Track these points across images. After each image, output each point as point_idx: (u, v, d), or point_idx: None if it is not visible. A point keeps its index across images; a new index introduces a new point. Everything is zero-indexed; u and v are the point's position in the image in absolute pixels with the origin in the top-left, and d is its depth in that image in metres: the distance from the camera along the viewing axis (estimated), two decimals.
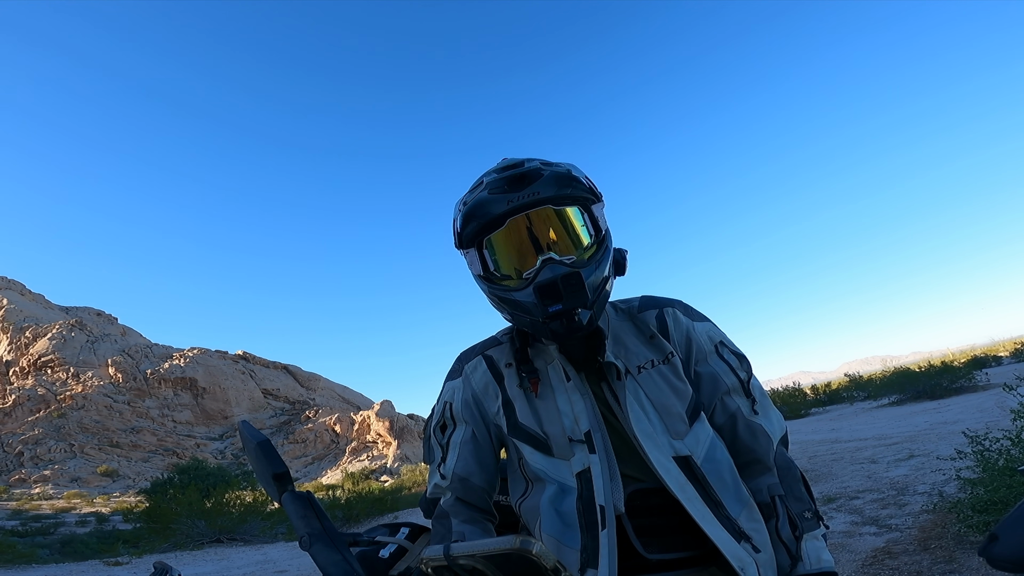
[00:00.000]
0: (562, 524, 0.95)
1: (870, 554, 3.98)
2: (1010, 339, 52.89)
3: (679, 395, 1.01)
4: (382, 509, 13.26)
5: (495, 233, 0.99)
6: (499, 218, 0.97)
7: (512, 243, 1.00)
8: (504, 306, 1.02)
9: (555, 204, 0.97)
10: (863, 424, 13.31)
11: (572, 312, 0.93)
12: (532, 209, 0.96)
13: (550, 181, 0.96)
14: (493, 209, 0.96)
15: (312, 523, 0.84)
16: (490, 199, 0.97)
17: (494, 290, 1.02)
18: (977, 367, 18.45)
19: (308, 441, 53.73)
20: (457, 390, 1.11)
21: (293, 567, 7.58)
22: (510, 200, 0.96)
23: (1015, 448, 4.03)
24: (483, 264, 1.03)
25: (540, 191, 0.95)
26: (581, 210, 0.99)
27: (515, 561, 0.60)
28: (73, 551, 10.80)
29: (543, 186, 0.96)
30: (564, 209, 0.98)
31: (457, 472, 1.04)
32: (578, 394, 1.00)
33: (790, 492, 1.00)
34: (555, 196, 0.96)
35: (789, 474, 1.02)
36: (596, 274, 0.96)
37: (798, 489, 1.01)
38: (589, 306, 0.95)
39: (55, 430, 45.05)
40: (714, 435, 1.02)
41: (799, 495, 1.00)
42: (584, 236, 0.99)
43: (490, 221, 0.97)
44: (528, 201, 0.95)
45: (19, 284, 64.68)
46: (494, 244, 1.01)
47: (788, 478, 1.02)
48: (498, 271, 1.02)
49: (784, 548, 0.95)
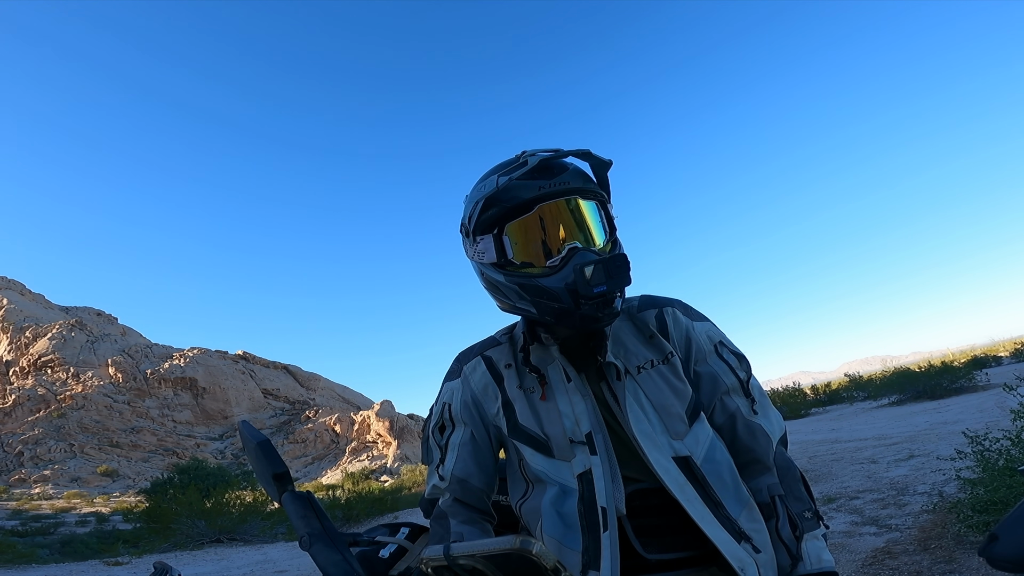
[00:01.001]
0: (563, 526, 0.94)
1: (870, 554, 3.98)
2: (1010, 339, 52.89)
3: (679, 395, 1.00)
4: (382, 509, 13.24)
5: (520, 219, 0.97)
6: (527, 203, 0.95)
7: (539, 230, 0.97)
8: (525, 294, 0.98)
9: (582, 196, 0.97)
10: (863, 424, 13.31)
11: (612, 296, 0.93)
12: (562, 197, 0.96)
13: (577, 174, 0.98)
14: (522, 194, 0.95)
15: (312, 523, 0.84)
16: (519, 184, 0.95)
17: (513, 278, 0.98)
18: (977, 367, 18.45)
19: (308, 441, 53.74)
20: (456, 391, 1.10)
21: (293, 567, 7.57)
22: (541, 187, 0.95)
23: (1015, 448, 4.03)
24: (500, 251, 0.99)
25: (570, 181, 0.96)
26: (598, 207, 1.00)
27: (515, 561, 0.60)
28: (73, 551, 10.79)
29: (572, 177, 0.97)
30: (588, 202, 0.99)
31: (456, 474, 1.04)
32: (579, 395, 1.00)
33: (790, 492, 1.00)
34: (582, 188, 0.97)
35: (789, 474, 1.02)
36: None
37: (798, 489, 1.01)
38: (623, 293, 0.96)
39: (55, 430, 45.05)
40: (714, 435, 1.01)
41: (799, 495, 1.00)
42: (599, 232, 0.99)
43: (516, 206, 0.95)
44: (559, 189, 0.95)
45: (19, 284, 64.68)
46: (518, 230, 0.98)
47: (788, 478, 1.02)
48: (517, 258, 0.99)
49: (784, 548, 0.95)
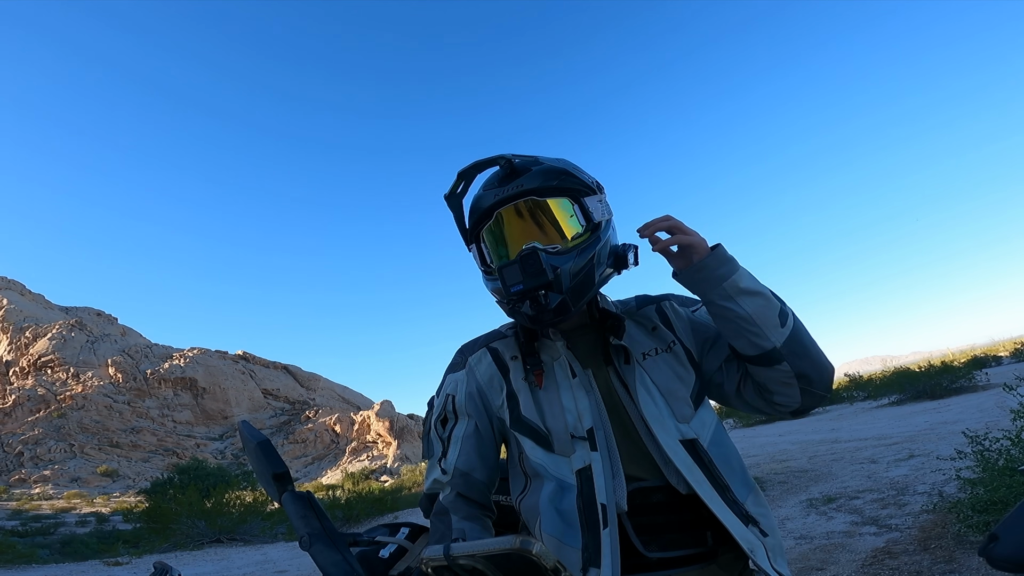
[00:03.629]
0: (563, 523, 0.94)
1: (870, 554, 3.98)
2: (1010, 339, 52.96)
3: (683, 381, 1.03)
4: (382, 509, 13.24)
5: (486, 225, 1.04)
6: (488, 211, 1.02)
7: (500, 234, 1.04)
8: (495, 295, 1.06)
9: (538, 195, 1.00)
10: (863, 424, 13.32)
11: (535, 293, 0.95)
12: (515, 201, 1.00)
13: (537, 175, 1.00)
14: (483, 203, 1.03)
15: (312, 523, 0.84)
16: (483, 194, 1.04)
17: (490, 284, 1.06)
18: (977, 367, 18.47)
19: (308, 441, 53.76)
20: (460, 382, 1.10)
21: (293, 567, 7.57)
22: (496, 194, 1.01)
23: (1015, 448, 4.03)
24: (481, 258, 1.08)
25: (524, 184, 1.00)
26: (571, 201, 1.02)
27: (515, 561, 0.60)
28: (73, 551, 10.79)
29: (529, 179, 1.00)
30: (548, 200, 1.01)
31: (459, 467, 1.04)
32: (583, 391, 1.00)
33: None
34: (539, 188, 1.00)
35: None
36: (577, 261, 0.97)
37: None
38: (559, 290, 0.96)
39: (55, 430, 45.07)
40: (718, 420, 1.05)
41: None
42: (572, 226, 1.01)
43: (481, 215, 1.03)
44: (512, 193, 1.00)
45: (19, 284, 64.71)
46: (486, 237, 1.06)
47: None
48: (493, 263, 1.06)
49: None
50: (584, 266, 0.98)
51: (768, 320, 0.95)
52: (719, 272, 0.96)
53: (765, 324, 0.95)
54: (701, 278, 0.97)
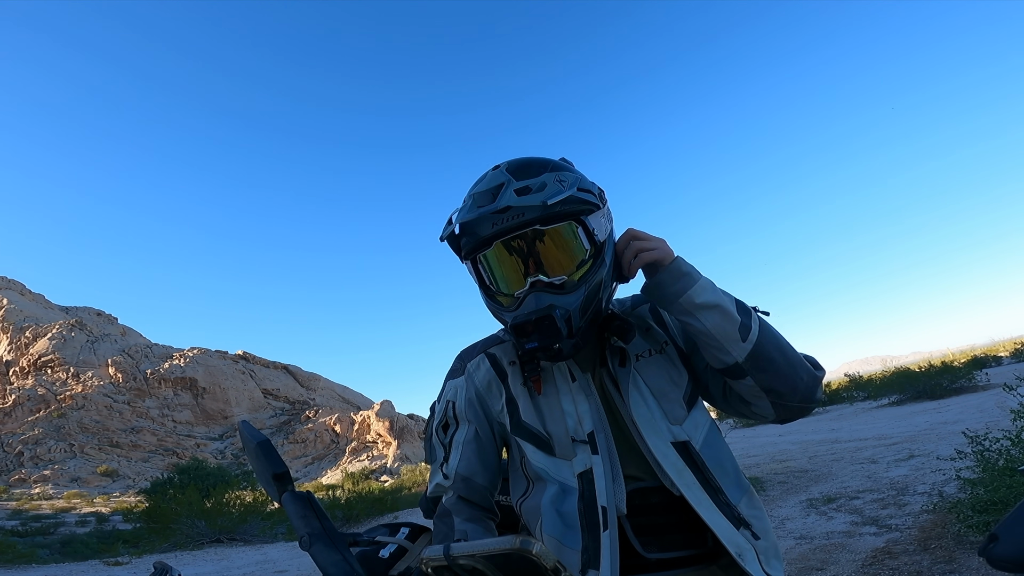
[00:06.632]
0: (563, 525, 0.95)
1: (870, 554, 3.98)
2: (1010, 339, 52.95)
3: (676, 382, 1.03)
4: (382, 509, 13.24)
5: (484, 253, 0.98)
6: (486, 240, 0.96)
7: (501, 264, 0.99)
8: (495, 317, 1.05)
9: (542, 224, 0.93)
10: (863, 424, 13.33)
11: (549, 347, 0.93)
12: (517, 232, 0.94)
13: (535, 202, 0.91)
14: (480, 230, 0.95)
15: (312, 523, 0.84)
16: (478, 220, 0.94)
17: (490, 305, 1.04)
18: (977, 367, 18.50)
19: (308, 441, 53.75)
20: (460, 388, 1.10)
21: (293, 567, 7.57)
22: (495, 223, 0.93)
23: (1015, 448, 4.03)
24: (479, 278, 1.03)
25: (525, 213, 0.92)
26: (575, 223, 0.95)
27: (515, 561, 0.60)
28: (73, 551, 10.78)
29: (528, 208, 0.92)
30: (552, 228, 0.94)
31: (460, 472, 1.04)
32: (583, 395, 1.00)
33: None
34: (541, 217, 0.92)
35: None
36: (586, 295, 0.95)
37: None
38: (571, 334, 0.94)
39: (55, 430, 45.06)
40: (712, 421, 1.04)
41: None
42: (577, 252, 0.96)
43: (479, 242, 0.97)
44: (512, 224, 0.93)
45: (19, 284, 64.70)
46: (486, 262, 1.00)
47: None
48: (492, 286, 1.02)
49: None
50: (592, 297, 0.96)
51: (727, 335, 0.93)
52: (674, 288, 0.95)
53: (725, 339, 0.93)
54: (657, 295, 0.97)
